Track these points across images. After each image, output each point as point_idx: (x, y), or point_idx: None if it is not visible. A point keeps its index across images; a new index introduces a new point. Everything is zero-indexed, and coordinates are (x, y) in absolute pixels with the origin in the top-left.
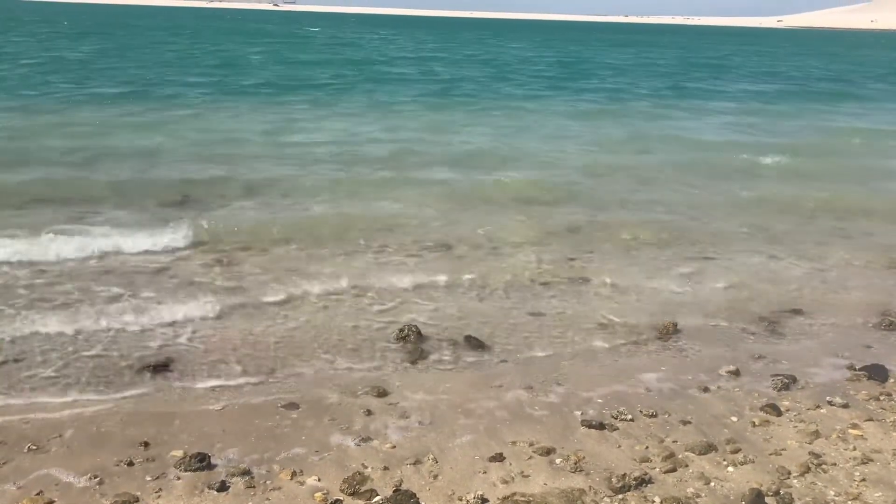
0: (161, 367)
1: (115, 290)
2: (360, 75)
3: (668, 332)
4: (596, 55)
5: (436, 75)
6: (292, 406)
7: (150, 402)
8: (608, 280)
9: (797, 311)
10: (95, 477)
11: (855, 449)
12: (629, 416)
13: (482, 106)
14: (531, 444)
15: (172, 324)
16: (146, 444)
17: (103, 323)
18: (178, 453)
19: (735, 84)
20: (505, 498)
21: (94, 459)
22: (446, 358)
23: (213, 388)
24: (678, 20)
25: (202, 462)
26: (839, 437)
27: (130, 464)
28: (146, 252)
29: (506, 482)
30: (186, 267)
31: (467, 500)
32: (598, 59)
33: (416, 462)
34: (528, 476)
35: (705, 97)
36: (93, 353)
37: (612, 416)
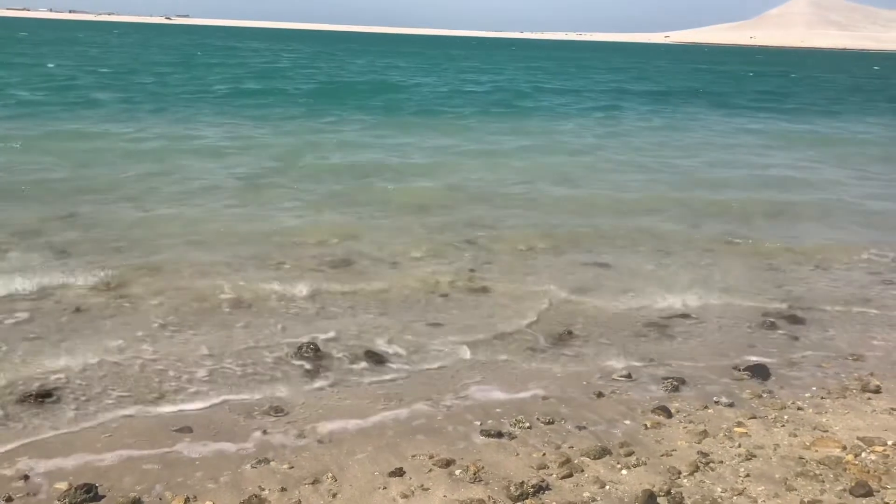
0: (43, 396)
1: None
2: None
3: (563, 338)
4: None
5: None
6: (185, 430)
7: (31, 432)
8: (505, 289)
9: (685, 315)
10: None
11: (740, 446)
12: (527, 424)
13: None
14: (431, 457)
15: (56, 349)
16: (26, 478)
17: None
18: (62, 486)
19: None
20: None
21: None
22: (345, 374)
23: (99, 415)
24: (571, 36)
25: (89, 493)
26: (725, 435)
27: (9, 500)
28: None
29: (406, 497)
30: (72, 288)
31: None
32: (550, 86)
33: (315, 481)
34: (427, 489)
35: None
36: None
37: (511, 425)
